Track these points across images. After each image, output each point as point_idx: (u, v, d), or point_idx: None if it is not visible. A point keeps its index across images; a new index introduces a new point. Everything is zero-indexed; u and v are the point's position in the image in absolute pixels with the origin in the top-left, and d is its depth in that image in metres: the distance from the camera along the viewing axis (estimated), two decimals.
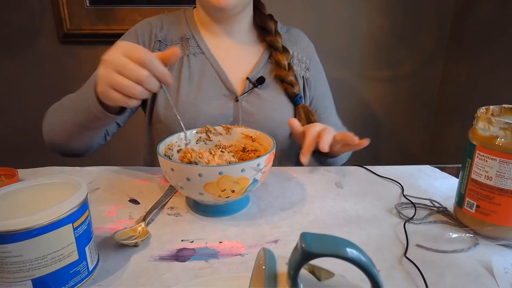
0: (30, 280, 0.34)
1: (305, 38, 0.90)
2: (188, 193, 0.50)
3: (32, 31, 1.49)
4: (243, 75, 0.80)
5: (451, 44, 1.57)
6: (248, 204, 0.56)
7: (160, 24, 0.80)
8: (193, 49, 0.79)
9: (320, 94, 0.89)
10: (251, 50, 0.83)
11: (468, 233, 0.48)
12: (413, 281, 0.40)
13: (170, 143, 0.57)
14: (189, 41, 0.79)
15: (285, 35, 0.86)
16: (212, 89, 0.77)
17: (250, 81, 0.78)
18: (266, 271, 0.23)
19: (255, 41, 0.84)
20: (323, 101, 0.90)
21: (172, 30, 0.81)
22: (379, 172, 0.67)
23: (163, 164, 0.49)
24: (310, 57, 0.88)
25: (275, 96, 0.80)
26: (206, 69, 0.78)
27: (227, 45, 0.81)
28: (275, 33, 0.82)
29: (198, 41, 0.80)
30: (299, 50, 0.87)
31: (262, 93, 0.79)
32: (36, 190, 0.39)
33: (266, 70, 0.82)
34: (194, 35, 0.80)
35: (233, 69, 0.80)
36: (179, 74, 0.77)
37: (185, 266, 0.42)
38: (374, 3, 1.52)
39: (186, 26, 0.81)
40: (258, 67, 0.81)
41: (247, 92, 0.78)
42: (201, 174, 0.45)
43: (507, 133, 0.44)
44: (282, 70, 0.80)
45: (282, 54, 0.81)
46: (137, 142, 1.59)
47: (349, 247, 0.22)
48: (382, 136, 1.72)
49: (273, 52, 0.81)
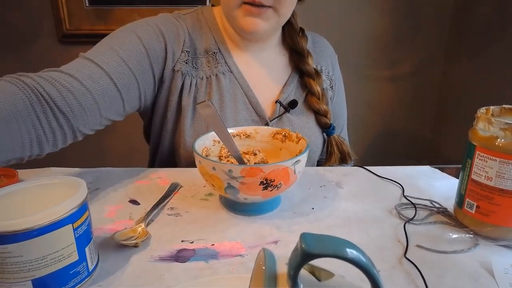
0: (30, 280, 0.34)
1: (330, 48, 0.84)
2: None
3: (31, 31, 1.49)
4: (272, 96, 0.73)
5: (451, 44, 1.57)
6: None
7: (186, 29, 0.70)
8: (221, 66, 0.71)
9: (337, 113, 0.85)
10: (280, 68, 0.76)
11: (468, 234, 0.48)
12: (413, 282, 0.40)
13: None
14: (216, 56, 0.71)
15: (311, 45, 0.80)
16: (242, 114, 0.71)
17: (281, 104, 0.72)
18: (266, 271, 0.23)
19: (284, 57, 0.77)
20: (339, 120, 0.86)
21: (196, 38, 0.71)
22: (379, 173, 0.67)
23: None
24: (334, 71, 0.83)
25: (306, 122, 0.74)
26: (236, 91, 0.71)
27: (255, 62, 0.74)
28: (307, 55, 0.74)
29: (226, 57, 0.71)
30: (325, 64, 0.81)
31: (293, 119, 0.73)
32: (36, 191, 0.39)
33: (296, 93, 0.75)
34: (220, 49, 0.71)
35: (261, 90, 0.73)
36: (208, 96, 0.69)
37: (185, 267, 0.42)
38: (374, 3, 1.52)
39: (210, 36, 0.72)
40: (288, 89, 0.74)
41: (277, 116, 0.72)
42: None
43: (507, 134, 0.44)
44: (314, 98, 0.74)
45: (315, 79, 0.74)
46: (137, 142, 1.59)
47: (349, 248, 0.22)
48: (382, 136, 1.73)
49: (305, 77, 0.75)
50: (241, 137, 0.62)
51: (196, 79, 0.70)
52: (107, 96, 0.59)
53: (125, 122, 0.79)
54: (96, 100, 0.57)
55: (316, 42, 0.82)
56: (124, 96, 0.62)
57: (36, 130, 0.49)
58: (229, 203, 0.55)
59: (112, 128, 1.61)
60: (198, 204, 0.56)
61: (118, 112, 0.63)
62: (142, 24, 0.67)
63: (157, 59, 0.66)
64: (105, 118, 0.60)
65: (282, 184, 0.48)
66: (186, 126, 0.69)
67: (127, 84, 0.62)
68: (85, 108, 0.55)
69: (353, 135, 1.66)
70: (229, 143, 0.51)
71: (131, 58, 0.62)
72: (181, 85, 0.69)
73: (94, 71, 0.58)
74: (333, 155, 0.76)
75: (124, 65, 0.61)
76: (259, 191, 0.48)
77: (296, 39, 0.74)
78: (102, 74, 0.58)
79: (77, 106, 0.54)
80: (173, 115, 0.71)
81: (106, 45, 0.62)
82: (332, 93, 0.82)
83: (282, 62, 0.77)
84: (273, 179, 0.47)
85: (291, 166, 0.47)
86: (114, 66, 0.60)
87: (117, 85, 0.60)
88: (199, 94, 0.70)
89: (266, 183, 0.47)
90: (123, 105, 0.63)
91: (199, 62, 0.71)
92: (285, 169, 0.47)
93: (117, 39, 0.63)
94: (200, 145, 0.56)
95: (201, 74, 0.71)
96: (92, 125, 0.58)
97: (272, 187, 0.48)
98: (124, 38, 0.63)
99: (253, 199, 0.50)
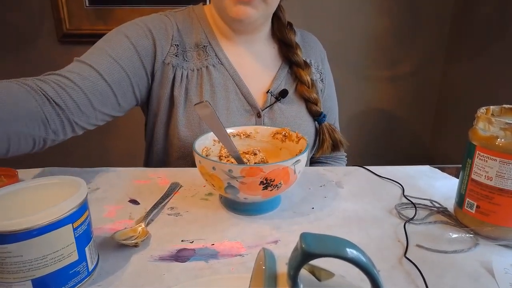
0: (30, 280, 0.34)
1: (319, 44, 0.87)
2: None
3: (31, 31, 1.49)
4: (263, 87, 0.76)
5: (451, 44, 1.57)
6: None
7: (175, 25, 0.73)
8: (211, 59, 0.74)
9: (328, 107, 0.87)
10: (269, 60, 0.78)
11: (468, 234, 0.48)
12: (413, 282, 0.40)
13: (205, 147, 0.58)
14: (206, 50, 0.74)
15: (300, 40, 0.82)
16: (234, 104, 0.73)
17: (272, 94, 0.75)
18: (266, 271, 0.23)
19: (274, 50, 0.79)
20: (330, 114, 0.88)
21: (186, 33, 0.74)
22: (379, 173, 0.67)
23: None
24: (323, 65, 0.85)
25: (297, 111, 0.76)
26: (227, 82, 0.73)
27: (245, 54, 0.76)
28: (296, 46, 0.77)
29: (216, 49, 0.74)
30: (314, 58, 0.83)
31: (284, 108, 0.75)
32: (36, 191, 0.39)
33: (287, 83, 0.78)
34: (211, 43, 0.74)
35: (253, 82, 0.75)
36: (200, 88, 0.72)
37: (185, 267, 0.42)
38: (374, 3, 1.52)
39: (200, 31, 0.75)
40: (279, 80, 0.77)
41: (269, 106, 0.74)
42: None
43: (507, 134, 0.44)
44: (304, 86, 0.76)
45: (304, 69, 0.77)
46: (137, 142, 1.59)
47: (349, 247, 0.21)
48: (382, 136, 1.73)
49: (295, 67, 0.77)
50: (241, 137, 0.62)
51: (187, 70, 0.73)
52: (98, 91, 0.63)
53: (126, 122, 0.80)
54: (87, 95, 0.61)
55: (305, 38, 0.85)
56: (116, 91, 0.66)
57: (39, 112, 0.55)
58: (229, 203, 0.55)
59: (112, 129, 1.61)
60: (198, 204, 0.56)
61: (113, 107, 0.67)
62: (130, 25, 0.72)
63: (147, 54, 0.70)
64: (100, 112, 0.64)
65: (282, 184, 0.48)
66: (179, 116, 0.71)
67: (118, 80, 0.66)
68: (77, 102, 0.60)
69: (353, 134, 1.67)
70: (227, 143, 0.51)
71: (121, 56, 0.67)
72: (173, 77, 0.72)
73: (84, 70, 0.63)
74: (325, 142, 0.78)
75: (114, 63, 0.66)
76: (259, 191, 0.48)
77: (284, 31, 0.78)
78: (91, 71, 0.63)
79: (70, 101, 0.59)
80: (166, 107, 0.73)
81: (97, 48, 0.68)
82: (322, 86, 0.84)
83: (272, 54, 0.80)
84: (273, 179, 0.47)
85: (291, 166, 0.47)
86: (104, 64, 0.64)
87: (107, 80, 0.64)
88: (190, 85, 0.72)
89: (266, 183, 0.47)
90: (117, 100, 0.67)
91: (189, 55, 0.74)
92: (285, 169, 0.47)
93: (107, 41, 0.68)
94: (200, 145, 0.56)
95: (192, 66, 0.73)
96: (89, 119, 0.63)
97: (272, 187, 0.48)
98: (113, 39, 0.69)
99: (253, 199, 0.50)
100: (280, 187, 0.49)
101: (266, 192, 0.48)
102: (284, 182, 0.48)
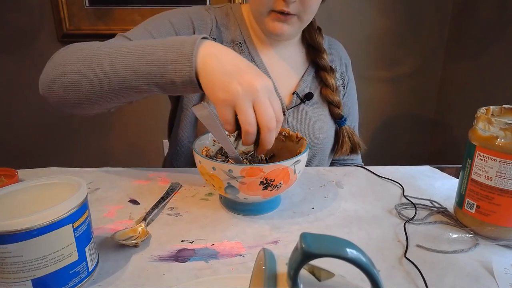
0: (30, 280, 0.34)
1: (344, 52, 0.89)
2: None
3: (31, 31, 1.49)
4: (289, 88, 0.79)
5: (451, 44, 1.57)
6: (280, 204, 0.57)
7: (214, 19, 0.76)
8: (245, 56, 0.76)
9: (348, 113, 0.88)
10: (297, 63, 0.81)
11: (468, 234, 0.48)
12: (413, 282, 0.40)
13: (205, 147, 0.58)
14: (241, 47, 0.77)
15: (326, 45, 0.85)
16: None
17: (298, 96, 0.77)
18: (266, 271, 0.23)
19: (302, 53, 0.83)
20: (350, 120, 0.90)
21: (224, 28, 0.78)
22: (379, 173, 0.67)
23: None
24: (347, 72, 0.87)
25: (320, 114, 0.79)
26: None
27: (276, 56, 0.79)
28: (323, 51, 0.80)
29: (250, 48, 0.77)
30: (339, 64, 0.86)
31: (308, 110, 0.78)
32: (36, 191, 0.39)
33: (312, 86, 0.80)
34: (245, 41, 0.77)
35: (280, 82, 0.78)
36: None
37: (185, 267, 0.42)
38: (374, 4, 1.52)
39: (237, 28, 0.78)
40: (305, 82, 0.79)
41: (294, 107, 0.77)
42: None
43: (507, 134, 0.44)
44: (329, 90, 0.79)
45: (329, 73, 0.79)
46: (137, 142, 1.59)
47: (349, 247, 0.21)
48: (382, 136, 1.73)
49: (320, 71, 0.80)
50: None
51: None
52: None
53: (125, 122, 0.80)
54: None
55: (331, 44, 0.88)
56: None
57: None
58: (229, 203, 0.55)
59: (112, 129, 1.61)
60: (198, 204, 0.56)
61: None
62: (175, 12, 0.75)
63: None
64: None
65: (282, 184, 0.48)
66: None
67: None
68: None
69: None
70: (226, 144, 0.51)
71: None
72: None
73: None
74: (345, 145, 0.81)
75: None
76: (259, 191, 0.48)
77: (314, 35, 0.80)
78: None
79: None
80: (197, 99, 0.74)
81: (142, 27, 0.69)
82: (344, 92, 0.87)
83: (300, 58, 0.82)
84: (273, 179, 0.47)
85: (291, 166, 0.47)
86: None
87: None
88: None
89: (266, 183, 0.47)
90: None
91: None
92: (285, 169, 0.47)
93: (152, 23, 0.70)
94: (200, 145, 0.56)
95: None
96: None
97: (272, 187, 0.48)
98: (158, 23, 0.71)
99: (253, 199, 0.50)
100: (280, 187, 0.49)
101: (266, 192, 0.48)
102: (284, 182, 0.48)
